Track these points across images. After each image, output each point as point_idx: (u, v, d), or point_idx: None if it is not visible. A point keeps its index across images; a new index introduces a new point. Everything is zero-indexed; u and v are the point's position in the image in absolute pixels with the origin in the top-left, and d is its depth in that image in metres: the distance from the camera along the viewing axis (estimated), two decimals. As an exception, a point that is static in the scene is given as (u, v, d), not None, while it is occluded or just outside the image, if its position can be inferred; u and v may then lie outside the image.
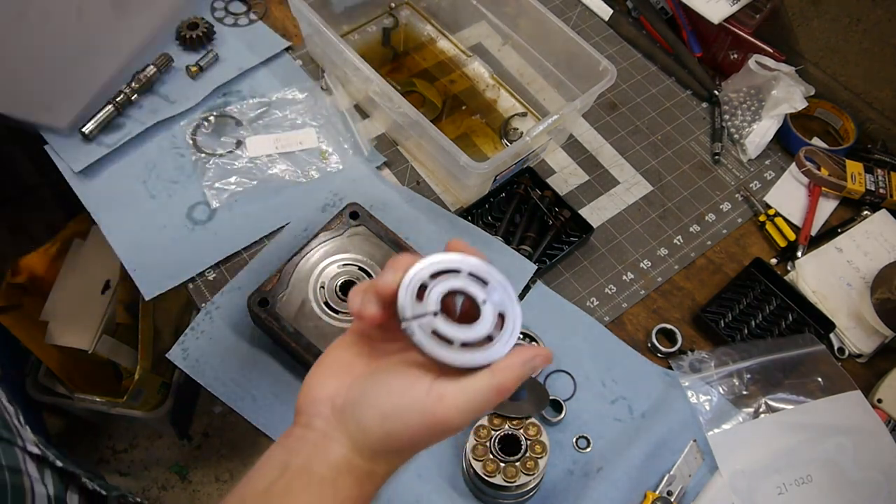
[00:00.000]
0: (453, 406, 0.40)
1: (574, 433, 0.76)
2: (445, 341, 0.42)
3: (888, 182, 0.94)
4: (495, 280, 0.44)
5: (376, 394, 0.42)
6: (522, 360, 0.42)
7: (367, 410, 0.42)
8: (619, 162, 0.97)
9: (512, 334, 0.43)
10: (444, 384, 0.41)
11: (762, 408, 0.78)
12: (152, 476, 1.54)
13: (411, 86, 0.99)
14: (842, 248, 0.91)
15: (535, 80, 1.00)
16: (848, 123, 1.00)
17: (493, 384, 0.41)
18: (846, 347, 0.85)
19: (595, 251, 0.90)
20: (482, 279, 0.44)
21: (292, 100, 0.95)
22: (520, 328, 0.44)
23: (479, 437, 0.69)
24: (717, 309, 0.86)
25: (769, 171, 0.99)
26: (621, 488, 0.72)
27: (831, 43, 1.00)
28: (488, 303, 0.43)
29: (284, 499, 0.41)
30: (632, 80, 1.05)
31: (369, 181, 0.89)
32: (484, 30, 1.04)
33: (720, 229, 0.93)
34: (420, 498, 0.71)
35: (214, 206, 0.87)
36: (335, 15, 1.01)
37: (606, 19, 1.10)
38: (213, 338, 0.78)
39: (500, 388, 0.41)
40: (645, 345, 0.84)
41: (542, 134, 0.83)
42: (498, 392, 0.41)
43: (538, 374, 0.78)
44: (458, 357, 0.41)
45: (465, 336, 0.42)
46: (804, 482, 0.74)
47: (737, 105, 1.01)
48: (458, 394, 0.41)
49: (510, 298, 0.44)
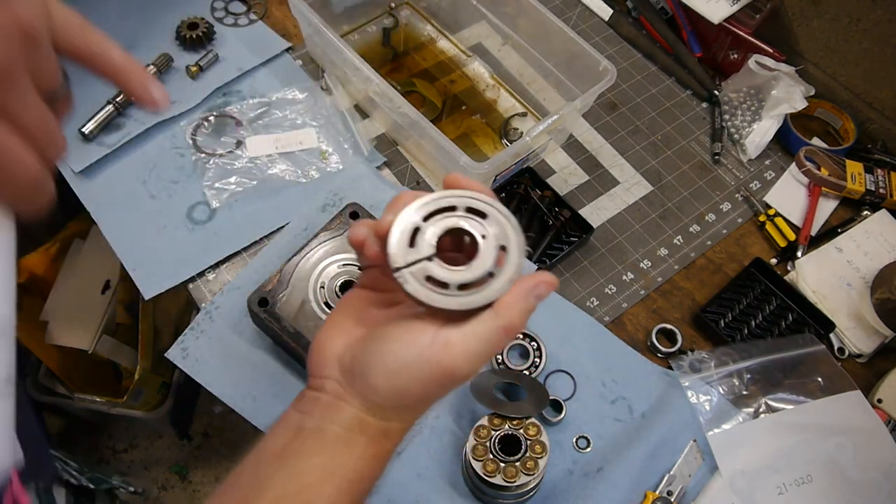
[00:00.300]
0: (460, 353, 0.39)
1: (574, 433, 0.76)
2: (441, 286, 0.39)
3: (888, 182, 0.94)
4: (494, 211, 0.41)
5: (381, 350, 0.41)
6: (524, 292, 0.40)
7: (373, 368, 0.40)
8: (619, 162, 0.97)
9: (514, 267, 0.40)
10: (448, 331, 0.39)
11: (762, 408, 0.78)
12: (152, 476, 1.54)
13: (411, 86, 0.99)
14: (842, 248, 0.91)
15: (535, 80, 1.00)
16: (848, 123, 1.00)
17: (499, 324, 0.39)
18: (846, 347, 0.85)
19: (595, 251, 0.90)
20: (481, 212, 0.41)
21: (292, 100, 0.95)
22: (523, 258, 0.41)
23: (479, 437, 0.69)
24: (717, 309, 0.86)
25: (769, 171, 0.99)
26: (621, 488, 0.72)
27: (831, 43, 1.00)
28: (488, 237, 0.40)
29: (299, 460, 0.41)
30: (632, 80, 1.05)
31: (369, 181, 0.89)
32: (484, 30, 1.04)
33: (720, 229, 0.93)
34: (420, 498, 0.71)
35: (214, 206, 0.87)
36: (335, 15, 1.01)
37: (606, 19, 1.10)
38: (213, 338, 0.78)
39: (507, 327, 0.39)
40: (645, 345, 0.84)
41: (542, 134, 0.83)
42: (505, 331, 0.39)
43: (538, 375, 0.78)
44: (453, 301, 0.39)
45: (461, 278, 0.40)
46: (804, 482, 0.74)
47: (737, 105, 1.01)
48: (463, 340, 0.39)
49: (512, 228, 0.41)
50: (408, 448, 0.74)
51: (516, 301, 0.40)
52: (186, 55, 0.97)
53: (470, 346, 0.39)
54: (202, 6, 1.02)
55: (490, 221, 0.41)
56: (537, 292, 0.40)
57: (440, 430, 0.75)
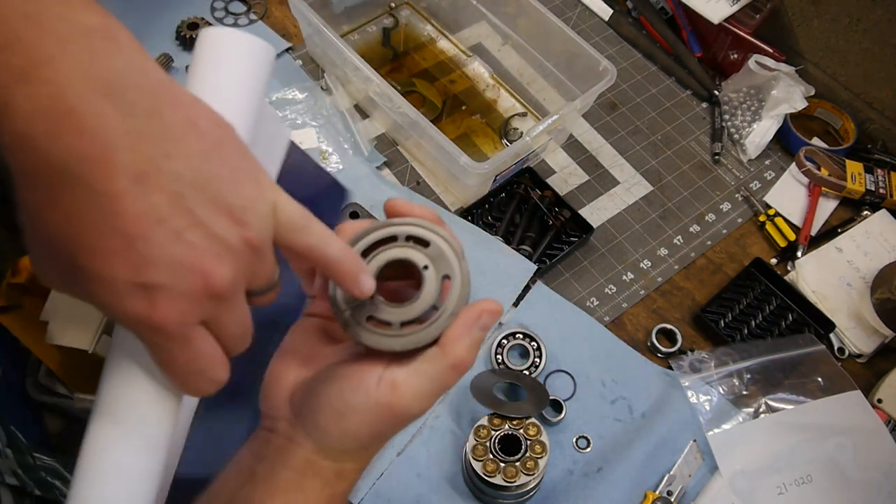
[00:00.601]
0: (408, 394, 0.37)
1: (574, 433, 0.76)
2: (384, 325, 0.37)
3: (888, 182, 0.94)
4: (437, 238, 0.39)
5: (327, 392, 0.39)
6: (467, 325, 0.37)
7: (321, 410, 0.39)
8: (619, 162, 0.97)
9: (457, 299, 0.37)
10: (394, 371, 0.37)
11: (762, 408, 0.78)
12: (152, 476, 1.54)
13: (411, 86, 0.99)
14: (842, 248, 0.91)
15: (535, 80, 1.00)
16: (848, 123, 1.00)
17: (447, 363, 0.37)
18: (846, 347, 0.85)
19: (595, 251, 0.90)
20: (423, 240, 0.39)
21: (292, 100, 0.95)
22: (467, 287, 0.38)
23: (479, 437, 0.69)
24: (717, 309, 0.86)
25: (769, 171, 0.99)
26: (621, 488, 0.72)
27: (831, 43, 1.00)
28: (430, 267, 0.38)
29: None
30: (632, 80, 1.05)
31: (369, 181, 0.89)
32: (484, 30, 1.04)
33: (720, 229, 0.93)
34: (420, 498, 0.71)
35: (214, 206, 0.86)
36: (335, 15, 1.01)
37: (606, 19, 1.10)
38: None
39: (454, 364, 0.37)
40: (645, 345, 0.84)
41: (542, 134, 0.83)
42: (454, 368, 0.37)
43: (538, 375, 0.78)
44: (396, 342, 0.37)
45: (403, 315, 0.37)
46: (804, 482, 0.74)
47: (737, 105, 1.01)
48: (409, 380, 0.37)
49: (456, 255, 0.38)
50: (408, 448, 0.74)
51: (460, 336, 0.37)
52: (186, 55, 0.97)
53: (417, 386, 0.37)
54: (202, 6, 1.02)
55: (433, 249, 0.39)
56: (481, 323, 0.38)
57: (440, 430, 0.75)
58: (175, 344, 0.31)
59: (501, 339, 0.79)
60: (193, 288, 0.30)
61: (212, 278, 0.30)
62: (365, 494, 0.71)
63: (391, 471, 0.72)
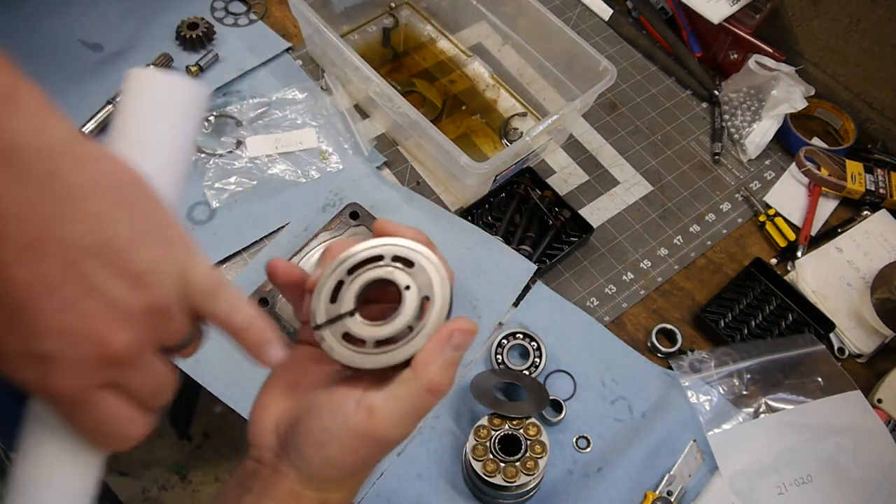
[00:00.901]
0: (384, 419, 0.36)
1: (574, 433, 0.76)
2: (359, 343, 0.37)
3: (888, 182, 0.94)
4: (422, 259, 0.38)
5: (308, 420, 0.38)
6: (439, 346, 0.36)
7: (303, 437, 0.38)
8: (619, 162, 0.97)
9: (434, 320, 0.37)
10: (371, 396, 0.37)
11: (762, 408, 0.78)
12: (152, 476, 1.54)
13: (411, 86, 0.99)
14: (842, 248, 0.91)
15: (535, 80, 1.00)
16: (848, 123, 1.00)
17: (421, 385, 0.36)
18: (846, 347, 0.85)
19: (595, 251, 0.90)
20: (408, 260, 0.39)
21: (292, 100, 0.95)
22: (447, 310, 0.37)
23: (479, 437, 0.69)
24: (717, 309, 0.86)
25: (769, 171, 0.99)
26: (621, 488, 0.72)
27: (831, 43, 1.00)
28: (412, 287, 0.38)
29: None
30: (632, 80, 1.05)
31: (369, 181, 0.89)
32: (484, 30, 1.04)
33: (720, 229, 0.93)
34: (420, 498, 0.71)
35: (214, 206, 0.87)
36: (335, 15, 1.01)
37: (606, 19, 1.10)
38: (213, 337, 0.77)
39: (428, 387, 0.36)
40: (645, 345, 0.84)
41: (542, 134, 0.83)
42: (429, 391, 0.36)
43: (538, 375, 0.78)
44: (368, 359, 0.37)
45: (378, 333, 0.37)
46: (804, 482, 0.74)
47: (737, 105, 1.01)
48: (386, 403, 0.36)
49: (439, 276, 0.38)
50: (408, 448, 0.74)
51: (432, 357, 0.36)
52: (186, 55, 0.97)
53: (393, 410, 0.36)
54: (202, 6, 1.02)
55: (417, 270, 0.38)
56: (454, 343, 0.37)
57: (440, 430, 0.75)
58: (76, 409, 0.31)
59: (501, 339, 0.79)
60: (87, 356, 0.30)
61: (108, 345, 0.30)
62: (365, 494, 0.71)
63: (391, 471, 0.72)
